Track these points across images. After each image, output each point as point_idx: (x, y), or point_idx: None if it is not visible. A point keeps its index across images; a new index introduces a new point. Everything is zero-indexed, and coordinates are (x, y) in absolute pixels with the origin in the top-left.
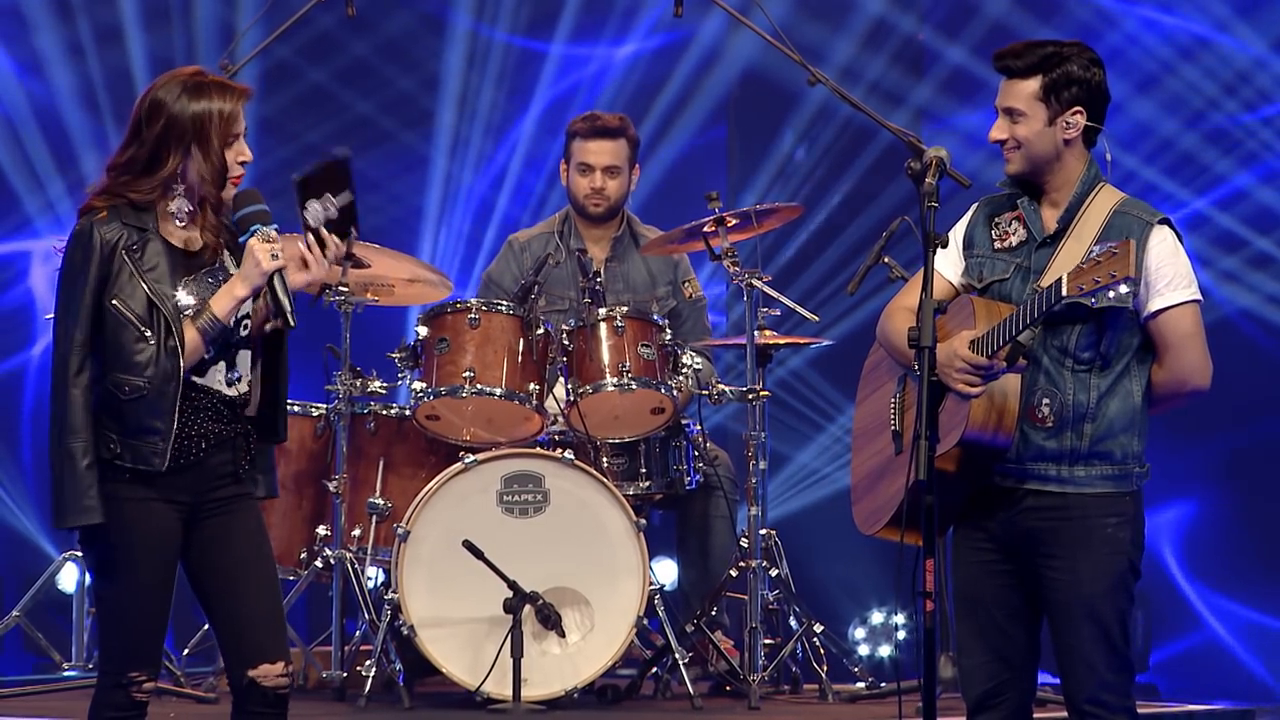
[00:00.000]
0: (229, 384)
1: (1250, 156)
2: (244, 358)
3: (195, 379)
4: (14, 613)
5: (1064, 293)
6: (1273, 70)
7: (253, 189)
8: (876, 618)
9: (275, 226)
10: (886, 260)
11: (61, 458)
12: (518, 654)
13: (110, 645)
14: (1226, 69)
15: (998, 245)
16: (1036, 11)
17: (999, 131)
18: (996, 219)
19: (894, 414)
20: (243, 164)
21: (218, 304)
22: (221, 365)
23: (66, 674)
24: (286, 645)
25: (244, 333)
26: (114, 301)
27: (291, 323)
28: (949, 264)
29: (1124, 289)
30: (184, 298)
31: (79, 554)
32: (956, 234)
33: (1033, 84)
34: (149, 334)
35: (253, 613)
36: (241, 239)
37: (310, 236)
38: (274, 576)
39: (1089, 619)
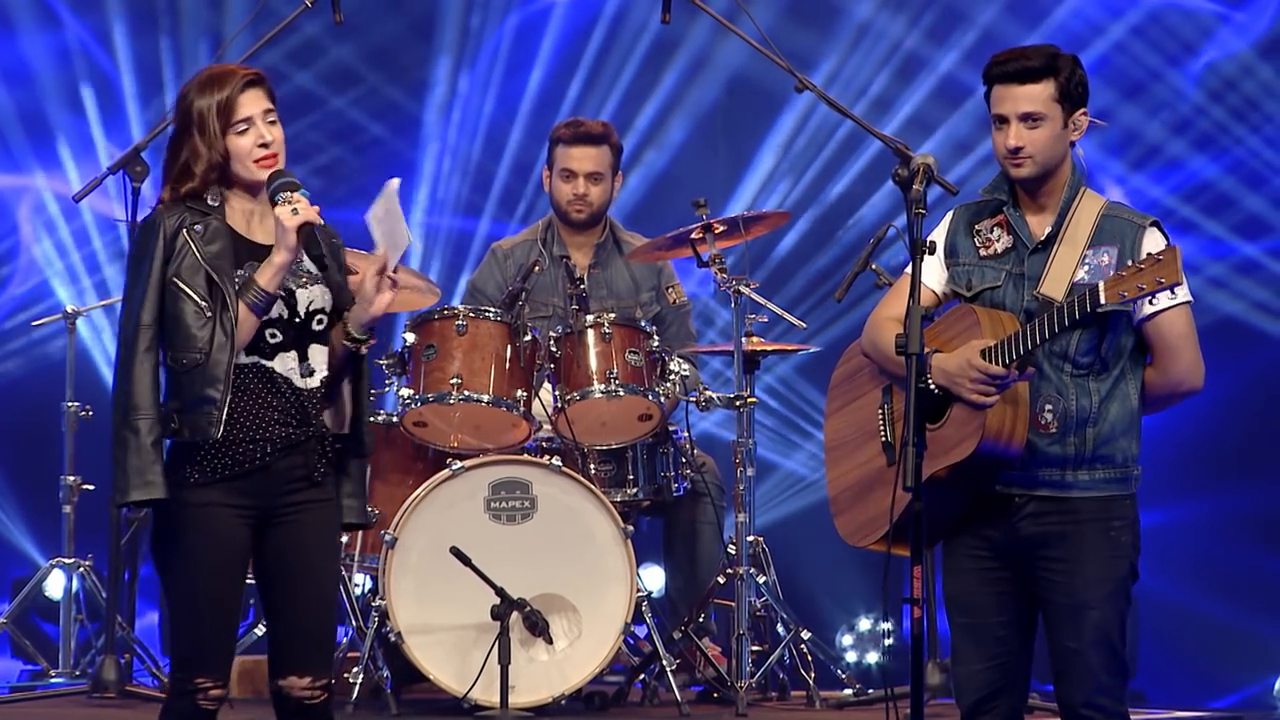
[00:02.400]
0: (301, 376)
1: (1238, 163)
2: (318, 352)
3: (263, 362)
4: (0, 619)
5: (1101, 300)
6: (1260, 77)
7: (281, 169)
8: (864, 624)
9: (303, 191)
10: (874, 267)
11: (125, 434)
12: (505, 661)
13: (177, 651)
14: (1214, 76)
15: (984, 253)
16: (1024, 18)
17: (1016, 138)
18: (977, 226)
19: (883, 425)
20: (264, 145)
21: (261, 275)
22: (293, 355)
23: (54, 681)
24: (323, 660)
25: (318, 327)
26: (175, 278)
27: (327, 266)
28: (931, 273)
29: (1169, 295)
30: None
31: (66, 560)
32: (936, 242)
33: (1049, 86)
34: (207, 308)
35: (295, 624)
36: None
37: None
38: (327, 588)
39: (1091, 622)
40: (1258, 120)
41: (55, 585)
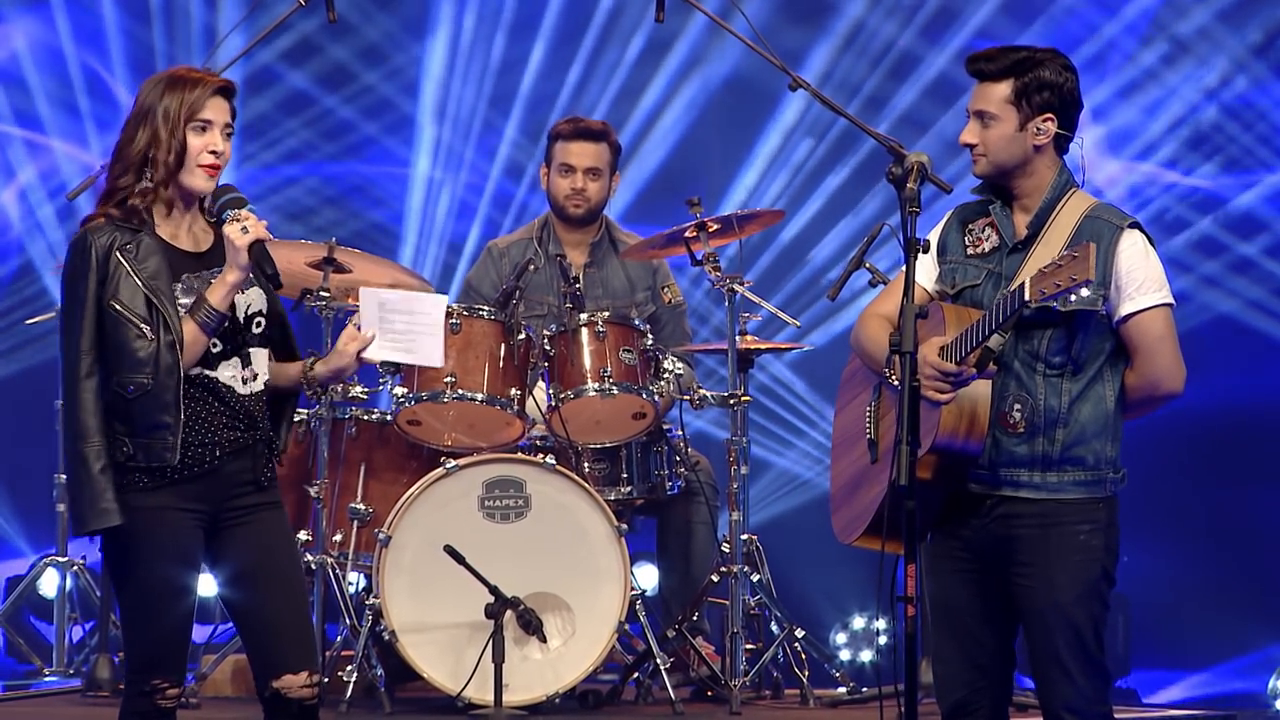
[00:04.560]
0: (244, 382)
1: (1232, 162)
2: (259, 356)
3: (207, 373)
4: None
5: (1026, 297)
6: (1253, 73)
7: (227, 184)
8: (858, 623)
9: (250, 207)
10: (868, 265)
11: (75, 463)
12: (499, 659)
13: (132, 653)
14: (1210, 74)
15: (970, 251)
16: (1019, 17)
17: (969, 135)
18: (970, 225)
19: (869, 422)
20: (215, 154)
21: (213, 294)
22: (235, 362)
23: (48, 680)
24: (313, 655)
25: (256, 330)
26: (112, 302)
27: (280, 285)
28: (924, 271)
29: (1085, 293)
30: (182, 295)
31: (60, 559)
32: (931, 241)
33: (1004, 88)
34: (149, 331)
35: (276, 622)
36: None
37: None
38: (299, 586)
39: (1062, 626)
40: (1250, 118)
41: (49, 584)
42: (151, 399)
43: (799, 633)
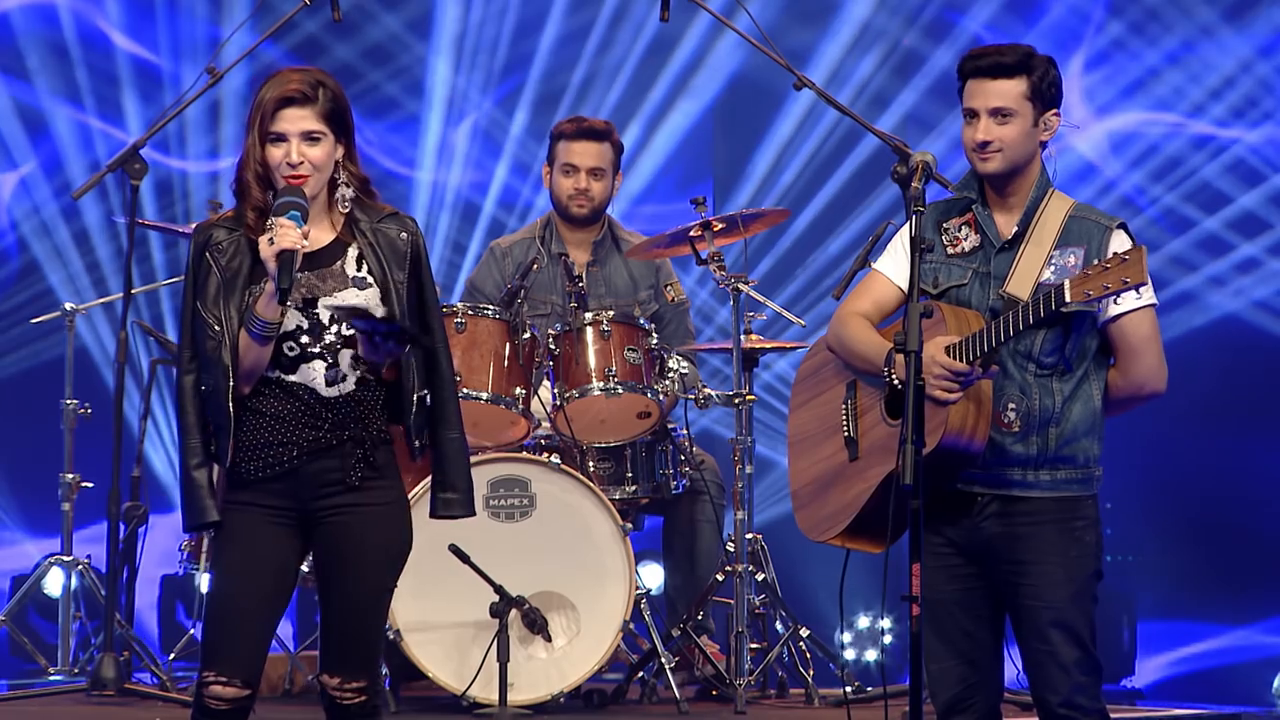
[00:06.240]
0: (329, 383)
1: (1237, 162)
2: (349, 358)
3: (283, 376)
4: None
5: (1066, 299)
6: (1258, 73)
7: (290, 188)
8: (863, 622)
9: (292, 214)
10: (872, 265)
11: (179, 459)
12: (504, 658)
13: (203, 642)
14: (1212, 74)
15: (950, 251)
16: (1022, 17)
17: (984, 132)
18: (945, 224)
19: (846, 420)
20: (294, 165)
21: (258, 303)
22: (319, 364)
23: (52, 679)
24: (355, 662)
25: (349, 332)
26: (197, 301)
27: (286, 301)
28: (898, 269)
29: (1133, 295)
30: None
31: (65, 558)
32: (904, 240)
33: (1020, 83)
34: (218, 334)
35: (334, 624)
36: None
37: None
38: (366, 590)
39: (1059, 623)
40: (1255, 117)
41: (54, 583)
42: (214, 400)
43: (804, 632)
